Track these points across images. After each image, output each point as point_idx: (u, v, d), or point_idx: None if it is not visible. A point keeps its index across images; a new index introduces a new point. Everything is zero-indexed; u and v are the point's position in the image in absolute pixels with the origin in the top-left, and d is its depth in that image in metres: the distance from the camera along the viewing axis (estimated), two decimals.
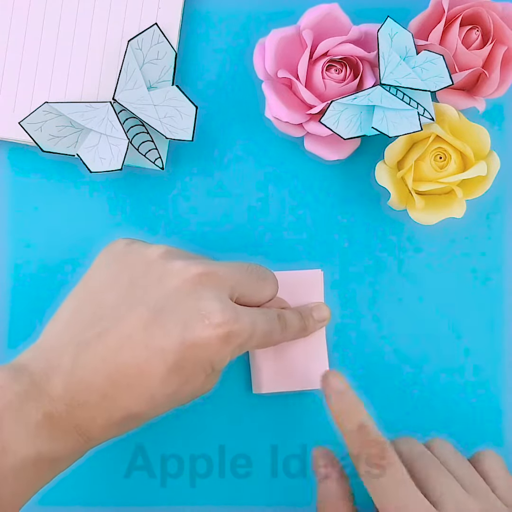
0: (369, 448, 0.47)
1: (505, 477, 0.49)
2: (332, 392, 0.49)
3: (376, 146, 0.52)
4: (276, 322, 0.48)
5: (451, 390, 0.54)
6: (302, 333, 0.52)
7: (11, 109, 0.52)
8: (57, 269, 0.54)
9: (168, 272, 0.45)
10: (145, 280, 0.45)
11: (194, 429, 0.54)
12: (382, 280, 0.54)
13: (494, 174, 0.49)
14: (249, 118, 0.54)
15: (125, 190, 0.54)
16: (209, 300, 0.44)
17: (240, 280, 0.47)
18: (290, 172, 0.54)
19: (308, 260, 0.54)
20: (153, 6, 0.52)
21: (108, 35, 0.53)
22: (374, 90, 0.49)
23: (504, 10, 0.49)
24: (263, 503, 0.54)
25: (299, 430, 0.54)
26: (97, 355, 0.44)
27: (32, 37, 0.52)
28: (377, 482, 0.46)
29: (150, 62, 0.51)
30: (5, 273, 0.54)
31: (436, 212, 0.50)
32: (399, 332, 0.54)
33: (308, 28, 0.50)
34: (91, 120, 0.51)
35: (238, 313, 0.45)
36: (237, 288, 0.47)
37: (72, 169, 0.54)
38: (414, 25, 0.50)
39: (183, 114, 0.51)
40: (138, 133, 0.52)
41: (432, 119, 0.49)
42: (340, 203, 0.54)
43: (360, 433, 0.48)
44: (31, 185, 0.54)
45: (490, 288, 0.54)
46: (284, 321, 0.49)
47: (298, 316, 0.51)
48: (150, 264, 0.46)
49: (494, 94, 0.50)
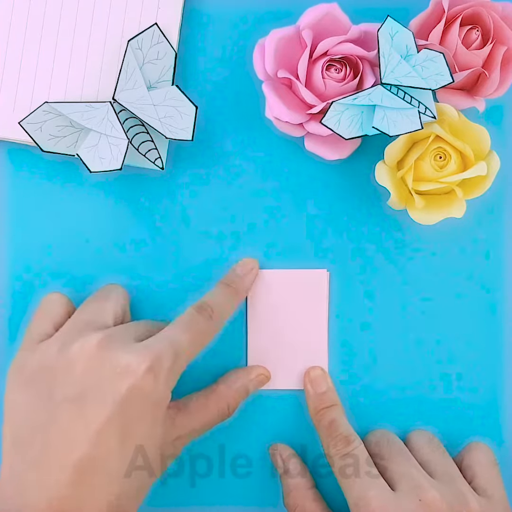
0: (336, 443, 0.50)
1: (488, 467, 0.50)
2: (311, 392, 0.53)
3: (376, 145, 0.52)
4: (197, 316, 0.48)
5: (448, 391, 0.54)
6: (237, 296, 0.52)
7: (11, 109, 0.52)
8: (57, 269, 0.54)
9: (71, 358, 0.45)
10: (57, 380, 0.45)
11: None
12: (381, 279, 0.54)
13: (494, 174, 0.49)
14: (249, 118, 0.54)
15: (125, 190, 0.54)
16: (117, 358, 0.45)
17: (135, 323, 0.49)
18: (290, 171, 0.54)
19: (308, 260, 0.54)
20: (153, 6, 0.52)
21: (108, 35, 0.52)
22: (374, 90, 0.49)
23: (504, 10, 0.49)
24: (263, 503, 0.54)
25: (299, 430, 0.54)
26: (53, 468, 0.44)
27: (32, 37, 0.52)
28: (346, 480, 0.49)
29: (150, 62, 0.51)
30: (5, 273, 0.54)
31: (436, 212, 0.50)
32: (399, 331, 0.54)
33: (308, 28, 0.50)
34: (91, 120, 0.51)
35: (147, 345, 0.45)
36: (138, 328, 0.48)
37: (72, 169, 0.54)
38: (414, 25, 0.50)
39: (183, 114, 0.51)
40: (138, 133, 0.52)
41: (434, 117, 0.49)
42: (340, 202, 0.54)
43: (329, 429, 0.50)
44: (31, 185, 0.54)
45: (490, 287, 0.54)
46: (205, 305, 0.49)
47: (220, 286, 0.51)
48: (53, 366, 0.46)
49: (494, 94, 0.50)
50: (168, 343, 0.46)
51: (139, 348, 0.45)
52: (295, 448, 0.53)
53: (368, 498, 0.47)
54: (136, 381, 0.44)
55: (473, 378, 0.54)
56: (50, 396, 0.45)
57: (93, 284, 0.54)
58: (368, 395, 0.54)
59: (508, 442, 0.54)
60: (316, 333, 0.53)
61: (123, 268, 0.54)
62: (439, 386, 0.54)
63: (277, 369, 0.53)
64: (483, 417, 0.54)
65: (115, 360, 0.45)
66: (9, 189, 0.54)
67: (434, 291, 0.54)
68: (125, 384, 0.44)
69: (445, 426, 0.54)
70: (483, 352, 0.54)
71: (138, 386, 0.44)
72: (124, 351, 0.45)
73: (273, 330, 0.53)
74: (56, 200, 0.54)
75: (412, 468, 0.48)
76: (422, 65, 0.49)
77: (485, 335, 0.54)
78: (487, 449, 0.52)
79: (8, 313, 0.54)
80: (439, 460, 0.50)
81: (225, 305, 0.51)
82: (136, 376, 0.44)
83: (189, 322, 0.48)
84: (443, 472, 0.49)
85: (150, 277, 0.54)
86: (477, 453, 0.51)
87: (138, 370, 0.44)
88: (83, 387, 0.45)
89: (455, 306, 0.54)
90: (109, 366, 0.44)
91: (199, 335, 0.48)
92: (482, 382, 0.54)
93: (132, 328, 0.48)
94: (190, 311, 0.49)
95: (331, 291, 0.54)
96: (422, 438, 0.52)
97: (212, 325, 0.49)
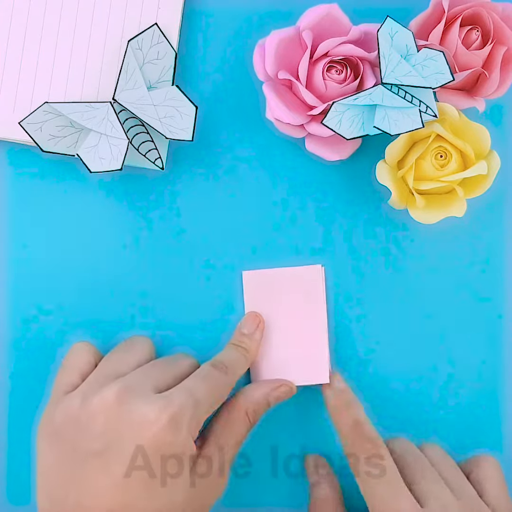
0: (363, 444, 0.49)
1: (497, 483, 0.50)
2: (332, 390, 0.51)
3: (377, 145, 0.52)
4: (213, 371, 0.49)
5: (449, 395, 0.55)
6: (248, 354, 0.52)
7: (11, 109, 0.52)
8: (57, 269, 0.54)
9: (92, 410, 0.45)
10: (80, 433, 0.46)
11: None
12: (382, 279, 0.54)
13: (494, 173, 0.50)
14: (249, 118, 0.54)
15: (125, 190, 0.54)
16: (137, 410, 0.45)
17: (155, 368, 0.49)
18: (291, 172, 0.54)
19: (308, 259, 0.54)
20: (153, 6, 0.52)
21: (108, 35, 0.52)
22: (375, 90, 0.49)
23: (504, 11, 0.50)
24: (263, 503, 0.54)
25: (299, 430, 0.54)
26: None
27: (32, 37, 0.52)
28: (374, 484, 0.48)
29: (150, 62, 0.51)
30: (5, 274, 0.54)
31: (436, 211, 0.50)
32: (398, 331, 0.54)
33: (308, 28, 0.50)
34: (91, 120, 0.50)
35: (166, 396, 0.45)
36: (157, 376, 0.48)
37: (72, 169, 0.54)
38: (414, 25, 0.50)
39: (183, 114, 0.51)
40: (138, 133, 0.52)
41: (435, 115, 0.49)
42: (341, 202, 0.54)
43: (355, 429, 0.50)
44: (31, 185, 0.54)
45: (490, 288, 0.54)
46: (219, 363, 0.50)
47: (230, 347, 0.52)
48: (76, 419, 0.46)
49: (494, 94, 0.50)
50: (188, 393, 0.46)
51: (158, 399, 0.45)
52: (295, 448, 0.53)
53: (399, 509, 0.46)
54: (157, 433, 0.44)
55: (470, 380, 0.55)
56: (76, 449, 0.45)
57: (92, 284, 0.54)
58: (367, 390, 0.54)
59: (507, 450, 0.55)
60: (315, 329, 0.53)
61: (123, 267, 0.54)
62: (438, 380, 0.54)
63: (277, 366, 0.53)
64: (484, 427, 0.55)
65: (134, 412, 0.45)
66: (9, 189, 0.54)
67: (434, 290, 0.54)
68: (146, 436, 0.44)
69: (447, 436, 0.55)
70: (484, 351, 0.55)
71: (159, 437, 0.44)
72: (144, 402, 0.45)
73: (272, 328, 0.53)
74: (56, 201, 0.54)
75: (438, 485, 0.48)
76: (422, 64, 0.49)
77: (485, 334, 0.55)
78: (496, 464, 0.51)
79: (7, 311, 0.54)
80: (455, 477, 0.49)
81: (237, 363, 0.51)
82: (157, 427, 0.44)
83: (207, 375, 0.48)
84: (462, 491, 0.48)
85: (150, 277, 0.54)
86: (486, 468, 0.51)
87: (159, 421, 0.44)
88: (106, 441, 0.45)
89: (455, 305, 0.54)
90: (128, 419, 0.45)
91: (217, 387, 0.48)
92: (482, 385, 0.55)
93: (151, 374, 0.48)
94: (205, 367, 0.49)
95: (330, 290, 0.54)
96: (437, 452, 0.51)
97: (228, 379, 0.49)
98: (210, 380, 0.48)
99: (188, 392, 0.46)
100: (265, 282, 0.54)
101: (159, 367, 0.49)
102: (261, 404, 0.51)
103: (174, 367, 0.49)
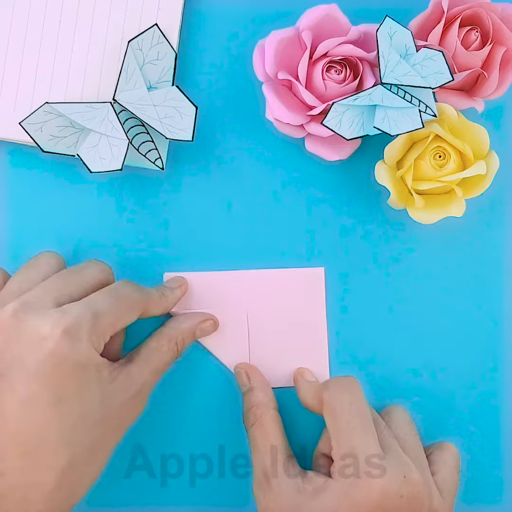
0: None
1: (450, 470, 0.51)
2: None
3: (376, 145, 0.52)
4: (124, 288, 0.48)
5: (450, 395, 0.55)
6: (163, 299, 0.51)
7: (11, 109, 0.52)
8: None
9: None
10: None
11: (194, 429, 0.54)
12: (381, 279, 0.54)
13: (493, 173, 0.50)
14: (249, 119, 0.54)
15: (125, 190, 0.54)
16: (33, 326, 0.44)
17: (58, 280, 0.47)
18: (291, 172, 0.54)
19: (308, 259, 0.54)
20: (153, 7, 0.52)
21: (108, 36, 0.53)
22: (375, 90, 0.49)
23: (504, 11, 0.50)
24: None
25: (299, 430, 0.54)
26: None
27: (33, 38, 0.52)
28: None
29: (150, 63, 0.51)
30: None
31: (435, 211, 0.50)
32: (398, 331, 0.54)
33: (307, 29, 0.50)
34: (91, 120, 0.51)
35: (62, 310, 0.45)
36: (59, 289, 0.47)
37: (72, 170, 0.54)
38: (413, 25, 0.50)
39: (183, 114, 0.51)
40: (138, 134, 0.52)
41: (434, 115, 0.49)
42: (340, 202, 0.54)
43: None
44: (31, 186, 0.54)
45: (490, 288, 0.55)
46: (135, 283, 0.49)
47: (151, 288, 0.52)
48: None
49: (493, 94, 0.50)
50: (86, 306, 0.45)
51: (54, 313, 0.45)
52: (294, 448, 0.53)
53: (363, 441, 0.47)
54: (54, 347, 0.43)
55: (470, 378, 0.55)
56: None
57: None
58: (366, 392, 0.54)
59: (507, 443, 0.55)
60: (315, 331, 0.53)
61: (123, 268, 0.54)
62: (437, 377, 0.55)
63: (277, 367, 0.53)
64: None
65: (30, 329, 0.44)
66: (9, 189, 0.54)
67: (433, 290, 0.54)
68: (43, 351, 0.43)
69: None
70: (484, 351, 0.55)
71: (56, 351, 0.43)
72: (39, 318, 0.44)
73: (273, 329, 0.54)
74: (56, 200, 0.54)
75: (397, 444, 0.49)
76: (421, 64, 0.49)
77: (485, 335, 0.55)
78: (455, 452, 0.52)
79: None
80: (413, 444, 0.50)
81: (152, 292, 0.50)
82: (52, 342, 0.43)
83: (114, 288, 0.48)
84: (415, 458, 0.49)
85: (150, 277, 0.54)
86: (445, 452, 0.52)
87: (54, 335, 0.44)
88: (8, 361, 0.44)
89: (455, 305, 0.54)
90: (26, 336, 0.44)
91: (124, 300, 0.48)
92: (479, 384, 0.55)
93: (52, 287, 0.47)
94: (118, 282, 0.49)
95: (330, 290, 0.54)
96: (402, 416, 0.52)
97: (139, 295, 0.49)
98: (117, 293, 0.47)
99: (86, 305, 0.45)
100: (266, 282, 0.54)
101: (63, 279, 0.48)
102: (189, 334, 0.52)
103: (80, 276, 0.49)
